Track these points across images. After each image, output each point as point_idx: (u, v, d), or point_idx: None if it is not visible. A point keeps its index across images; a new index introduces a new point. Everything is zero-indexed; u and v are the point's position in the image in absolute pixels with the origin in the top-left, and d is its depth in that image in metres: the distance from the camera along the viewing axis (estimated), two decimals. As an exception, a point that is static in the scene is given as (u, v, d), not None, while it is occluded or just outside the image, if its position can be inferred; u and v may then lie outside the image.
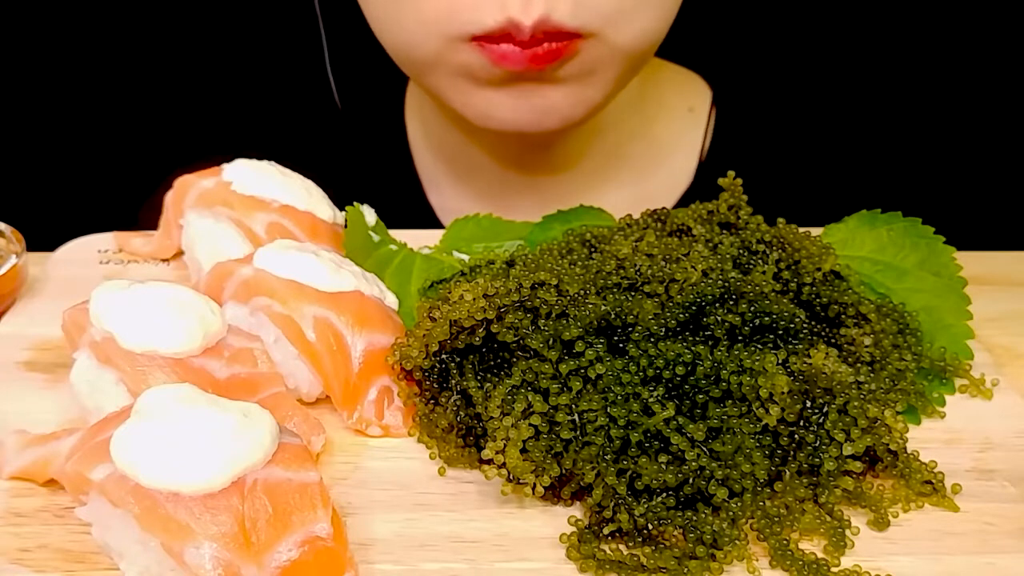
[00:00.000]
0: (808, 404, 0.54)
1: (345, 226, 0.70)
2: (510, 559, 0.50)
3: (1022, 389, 0.63)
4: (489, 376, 0.56)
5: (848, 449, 0.53)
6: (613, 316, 0.55)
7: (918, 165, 0.95)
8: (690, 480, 0.52)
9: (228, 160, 0.71)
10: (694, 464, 0.52)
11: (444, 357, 0.57)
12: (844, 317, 0.61)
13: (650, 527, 0.51)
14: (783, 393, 0.53)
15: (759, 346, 0.56)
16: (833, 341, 0.61)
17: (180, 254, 0.73)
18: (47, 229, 0.75)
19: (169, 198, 0.72)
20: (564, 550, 0.50)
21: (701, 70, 0.95)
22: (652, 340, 0.55)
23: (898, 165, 0.95)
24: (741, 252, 0.64)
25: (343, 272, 0.61)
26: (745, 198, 0.67)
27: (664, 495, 0.52)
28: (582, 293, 0.58)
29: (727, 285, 0.57)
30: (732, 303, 0.57)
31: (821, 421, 0.54)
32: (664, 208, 0.68)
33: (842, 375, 0.56)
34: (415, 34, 0.73)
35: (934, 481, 0.54)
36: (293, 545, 0.47)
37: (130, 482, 0.46)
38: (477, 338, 0.56)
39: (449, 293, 0.58)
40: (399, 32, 0.75)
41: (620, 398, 0.53)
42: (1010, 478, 0.56)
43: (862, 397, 0.55)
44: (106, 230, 0.77)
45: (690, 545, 0.50)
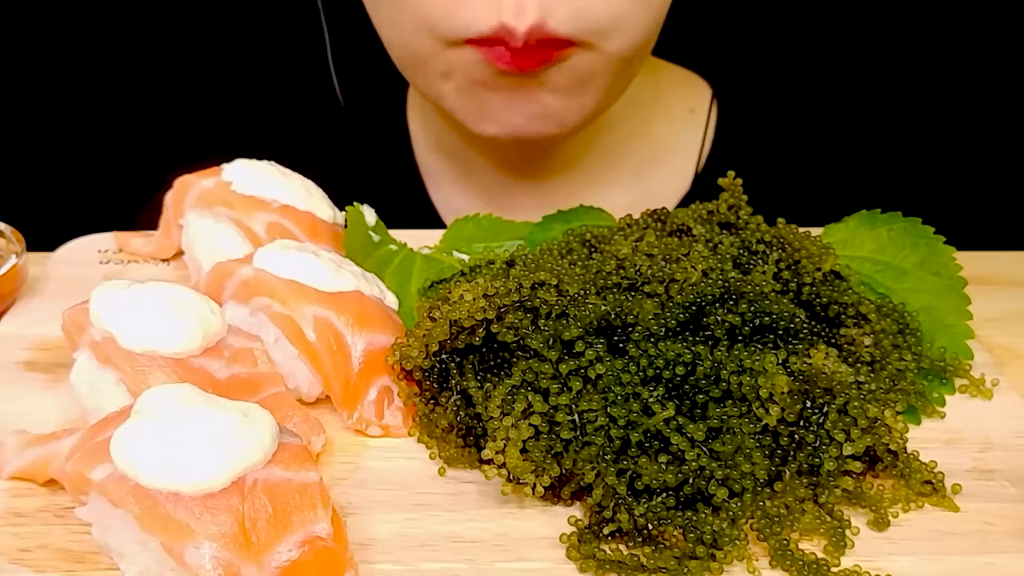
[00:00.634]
0: (808, 404, 0.54)
1: (345, 226, 0.70)
2: (510, 559, 0.50)
3: (1022, 389, 0.63)
4: (489, 376, 0.56)
5: (848, 449, 0.53)
6: (613, 316, 0.55)
7: (918, 165, 0.95)
8: (690, 480, 0.52)
9: (228, 160, 0.71)
10: (694, 464, 0.52)
11: (444, 357, 0.57)
12: (844, 317, 0.61)
13: (650, 527, 0.51)
14: (783, 393, 0.53)
15: (759, 346, 0.56)
16: (833, 341, 0.61)
17: (180, 254, 0.73)
18: (47, 229, 0.75)
19: (169, 198, 0.72)
20: (564, 550, 0.50)
21: (701, 70, 0.95)
22: (652, 340, 0.55)
23: (898, 165, 0.95)
24: (741, 252, 0.64)
25: (343, 272, 0.61)
26: (745, 198, 0.67)
27: (664, 495, 0.52)
28: (582, 293, 0.58)
29: (727, 285, 0.57)
30: (732, 303, 0.57)
31: (821, 421, 0.54)
32: (664, 208, 0.68)
33: (842, 375, 0.56)
34: (413, 34, 0.73)
35: (934, 481, 0.54)
36: (293, 545, 0.47)
37: (130, 482, 0.46)
38: (477, 338, 0.56)
39: (449, 293, 0.58)
40: (399, 32, 0.75)
41: (620, 398, 0.53)
42: (1010, 478, 0.56)
43: (862, 397, 0.55)
44: (106, 230, 0.77)
45: (690, 545, 0.50)
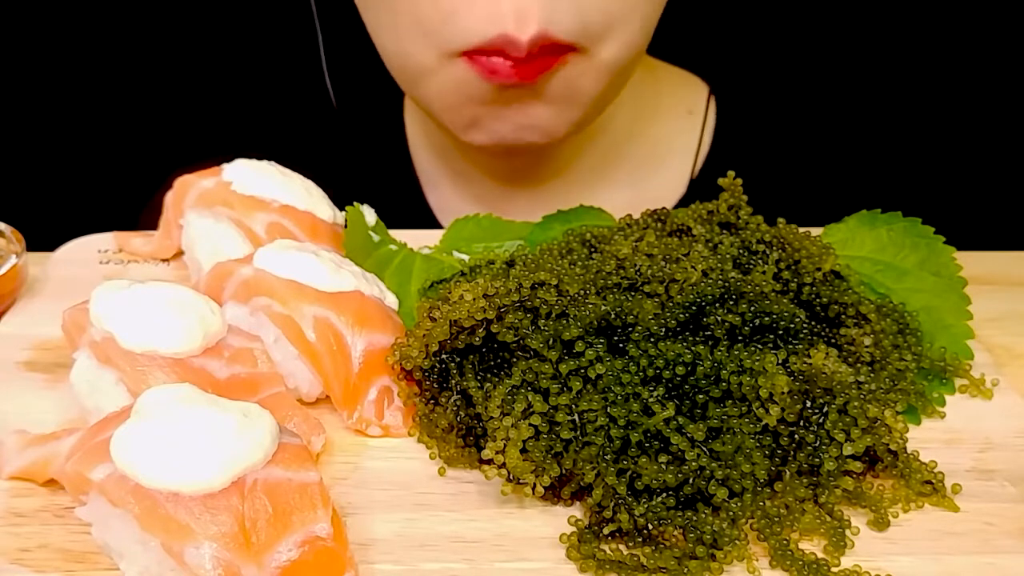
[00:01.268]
0: (808, 404, 0.54)
1: (345, 226, 0.70)
2: (510, 559, 0.50)
3: (1022, 389, 0.63)
4: (489, 376, 0.56)
5: (848, 449, 0.53)
6: (613, 316, 0.55)
7: (918, 165, 0.95)
8: (690, 480, 0.52)
9: (228, 160, 0.71)
10: (694, 464, 0.52)
11: (444, 357, 0.57)
12: (844, 317, 0.61)
13: (650, 527, 0.51)
14: (783, 393, 0.53)
15: (759, 346, 0.56)
16: (833, 341, 0.61)
17: (180, 254, 0.73)
18: (47, 229, 0.75)
19: (169, 198, 0.72)
20: (564, 550, 0.50)
21: (699, 71, 0.95)
22: (652, 340, 0.55)
23: (898, 165, 0.95)
24: (741, 252, 0.64)
25: (343, 272, 0.61)
26: (745, 198, 0.67)
27: (664, 495, 0.52)
28: (582, 293, 0.58)
29: (727, 285, 0.57)
30: (732, 303, 0.57)
31: (821, 421, 0.54)
32: (664, 208, 0.68)
33: (842, 375, 0.56)
34: (410, 44, 0.73)
35: (934, 481, 0.54)
36: (293, 545, 0.47)
37: (130, 482, 0.46)
38: (477, 338, 0.56)
39: (449, 293, 0.58)
40: (394, 38, 0.75)
41: (620, 398, 0.53)
42: (1010, 478, 0.56)
43: (862, 397, 0.55)
44: (106, 230, 0.77)
45: (690, 545, 0.50)
